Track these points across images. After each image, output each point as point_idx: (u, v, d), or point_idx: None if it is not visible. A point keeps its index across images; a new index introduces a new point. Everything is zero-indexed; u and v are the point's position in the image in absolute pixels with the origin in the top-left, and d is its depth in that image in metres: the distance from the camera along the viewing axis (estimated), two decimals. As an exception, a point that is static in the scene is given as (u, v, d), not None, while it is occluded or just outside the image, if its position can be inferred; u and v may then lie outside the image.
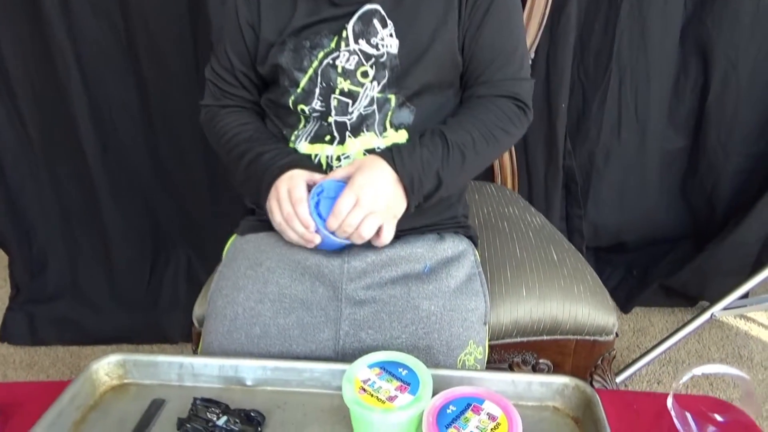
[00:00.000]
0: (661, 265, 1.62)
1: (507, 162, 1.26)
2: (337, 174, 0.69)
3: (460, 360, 0.69)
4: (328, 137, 0.75)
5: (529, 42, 1.18)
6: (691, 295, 1.59)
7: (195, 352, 0.92)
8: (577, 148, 1.48)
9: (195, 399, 0.58)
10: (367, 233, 0.66)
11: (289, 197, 0.68)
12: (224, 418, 0.56)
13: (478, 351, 0.71)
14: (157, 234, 1.57)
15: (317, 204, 0.67)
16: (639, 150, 1.50)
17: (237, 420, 0.56)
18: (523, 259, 0.88)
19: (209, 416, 0.56)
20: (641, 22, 1.35)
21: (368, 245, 0.70)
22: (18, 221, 1.53)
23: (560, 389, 0.60)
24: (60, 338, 1.55)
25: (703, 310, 1.44)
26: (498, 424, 0.50)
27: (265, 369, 0.62)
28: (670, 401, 0.56)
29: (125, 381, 0.64)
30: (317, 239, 0.68)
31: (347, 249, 0.71)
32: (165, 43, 1.33)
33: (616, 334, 1.08)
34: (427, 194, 0.70)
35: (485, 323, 0.75)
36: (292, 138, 0.78)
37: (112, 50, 1.35)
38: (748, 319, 1.60)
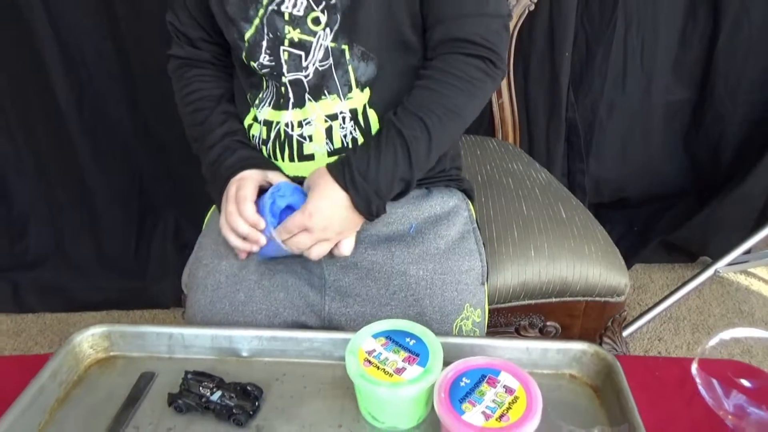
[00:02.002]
0: (662, 222, 1.60)
1: (508, 115, 1.20)
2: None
3: (456, 326, 0.65)
4: (283, 101, 0.68)
5: (532, -13, 1.11)
6: (693, 251, 1.58)
7: (183, 319, 0.88)
8: (580, 100, 1.43)
9: (186, 373, 0.53)
10: (315, 256, 0.62)
11: (235, 199, 0.63)
12: (218, 392, 0.52)
13: (476, 314, 0.68)
14: (142, 195, 1.52)
15: (272, 204, 0.62)
16: (643, 101, 1.45)
17: (232, 394, 0.52)
18: (530, 218, 0.84)
19: (202, 391, 0.52)
20: (650, -35, 1.28)
21: None
22: (-6, 182, 1.47)
23: (578, 356, 0.56)
24: (46, 305, 1.52)
25: (706, 266, 1.42)
26: (516, 398, 0.46)
27: (261, 339, 0.58)
28: (694, 367, 0.53)
29: (111, 353, 0.60)
30: (262, 240, 0.62)
31: None
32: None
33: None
34: (395, 197, 0.65)
35: (483, 283, 0.70)
36: (256, 102, 0.71)
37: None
38: (748, 274, 1.59)
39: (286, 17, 0.65)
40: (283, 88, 0.68)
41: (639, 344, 1.38)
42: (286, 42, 0.65)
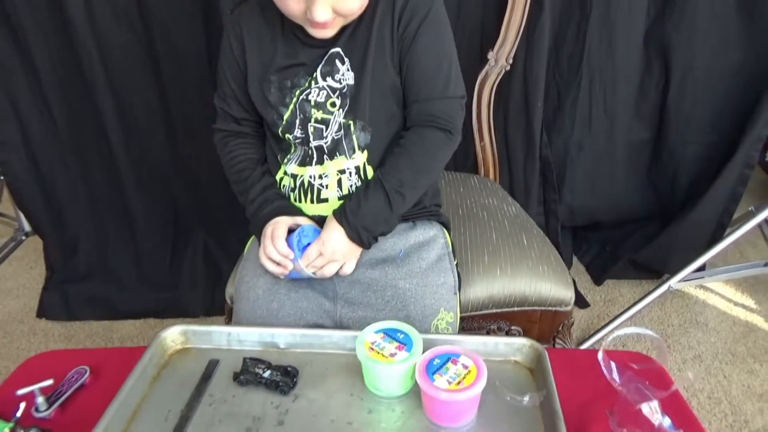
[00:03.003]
0: (629, 242, 1.80)
1: (489, 155, 1.43)
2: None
3: (433, 325, 0.87)
4: (308, 159, 0.91)
5: (506, 50, 1.34)
6: (656, 268, 1.77)
7: (227, 323, 1.10)
8: (553, 140, 1.65)
9: (245, 358, 0.76)
10: (329, 273, 0.86)
11: (271, 236, 0.87)
12: (268, 371, 0.74)
13: (449, 316, 0.89)
14: (177, 220, 1.74)
15: (299, 241, 0.85)
16: (608, 141, 1.66)
17: (278, 373, 0.74)
18: (498, 245, 1.07)
19: (257, 370, 0.74)
20: (609, 28, 1.50)
21: None
22: (51, 208, 1.68)
23: (519, 347, 0.79)
24: (92, 314, 1.72)
25: (662, 280, 1.63)
26: (469, 371, 0.69)
27: (294, 335, 0.81)
28: (600, 355, 0.75)
29: (186, 346, 0.83)
30: (289, 266, 0.86)
31: None
32: (181, 43, 1.47)
33: (587, 303, 1.23)
34: (381, 234, 0.88)
35: (455, 293, 0.92)
36: (285, 161, 0.94)
37: (133, 49, 1.48)
38: (706, 289, 1.78)
39: (312, 103, 0.89)
40: (309, 151, 0.91)
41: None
42: (312, 120, 0.89)
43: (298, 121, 0.90)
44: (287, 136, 0.92)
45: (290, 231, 0.89)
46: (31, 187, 1.63)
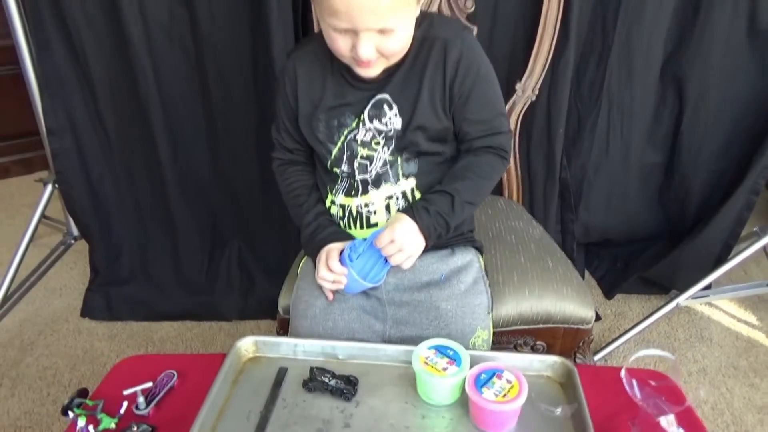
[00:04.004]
0: (640, 260, 1.89)
1: (513, 178, 1.53)
2: (378, 234, 0.94)
3: (471, 342, 0.97)
4: (354, 191, 1.01)
5: (533, 81, 1.44)
6: (664, 285, 1.86)
7: (277, 333, 1.21)
8: (572, 162, 1.74)
9: (312, 367, 0.87)
10: (397, 262, 0.95)
11: (326, 262, 0.96)
12: (333, 380, 0.85)
13: (485, 334, 1.00)
14: (215, 229, 1.84)
15: (349, 254, 0.94)
16: (623, 164, 1.76)
17: (341, 381, 0.85)
18: (526, 267, 1.17)
19: (323, 379, 0.85)
20: (628, 59, 1.60)
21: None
22: (99, 215, 1.78)
23: (551, 364, 0.89)
24: (133, 315, 1.82)
25: (672, 298, 1.73)
26: (512, 386, 0.80)
27: (353, 348, 0.92)
28: (623, 372, 0.85)
29: (257, 355, 0.93)
30: (344, 281, 0.95)
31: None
32: (229, 66, 1.57)
33: (598, 317, 1.32)
34: (440, 235, 0.98)
35: (489, 313, 1.03)
36: (333, 191, 1.04)
37: (184, 70, 1.58)
38: (712, 305, 1.87)
39: (359, 142, 0.99)
40: (355, 183, 1.01)
41: (616, 361, 1.64)
42: (359, 156, 0.99)
43: (345, 157, 1.00)
44: (335, 169, 1.02)
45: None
46: (82, 196, 1.73)
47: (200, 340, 1.77)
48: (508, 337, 1.15)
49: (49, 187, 1.74)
